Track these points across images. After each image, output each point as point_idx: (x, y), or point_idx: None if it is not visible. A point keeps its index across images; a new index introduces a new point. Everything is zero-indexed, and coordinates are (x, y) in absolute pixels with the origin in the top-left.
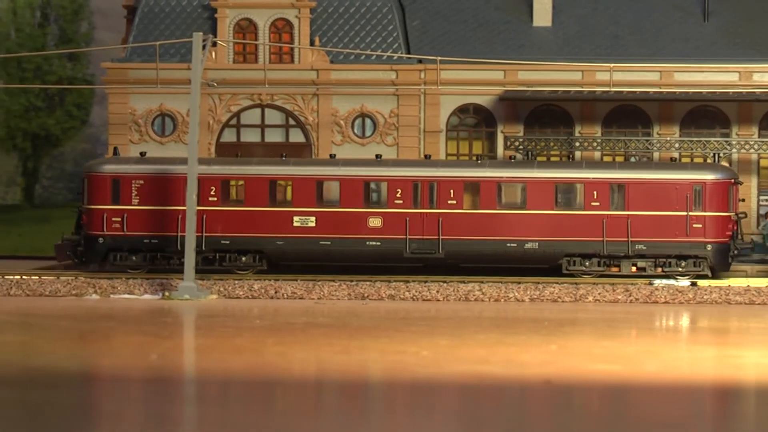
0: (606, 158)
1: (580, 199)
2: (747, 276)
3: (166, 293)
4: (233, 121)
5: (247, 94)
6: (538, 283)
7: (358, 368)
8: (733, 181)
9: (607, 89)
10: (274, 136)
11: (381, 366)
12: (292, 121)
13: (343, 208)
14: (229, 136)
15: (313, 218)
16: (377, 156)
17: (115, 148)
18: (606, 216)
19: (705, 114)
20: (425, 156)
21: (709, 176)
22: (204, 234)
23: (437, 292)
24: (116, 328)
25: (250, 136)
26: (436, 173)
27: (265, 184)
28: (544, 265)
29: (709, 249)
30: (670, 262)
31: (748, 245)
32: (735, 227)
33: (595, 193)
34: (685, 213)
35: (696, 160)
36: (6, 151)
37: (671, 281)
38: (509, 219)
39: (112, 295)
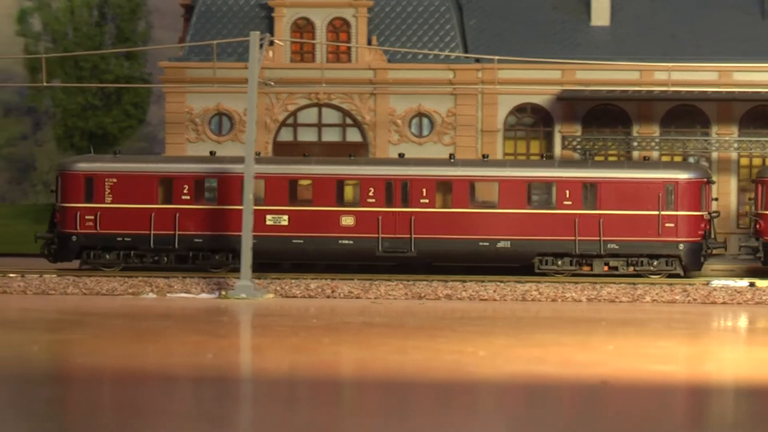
0: (664, 158)
1: (552, 198)
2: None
3: (223, 292)
4: (290, 120)
5: (305, 93)
6: (596, 283)
7: (413, 368)
8: (706, 180)
9: (665, 89)
10: (331, 136)
11: (437, 366)
12: (349, 121)
13: (316, 206)
14: (286, 135)
15: (285, 217)
16: (350, 155)
17: (91, 147)
18: (578, 215)
19: (764, 114)
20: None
21: (681, 175)
22: (177, 232)
23: (494, 291)
24: (172, 327)
25: (308, 136)
26: (409, 172)
27: (238, 183)
28: (517, 264)
29: (681, 248)
30: (642, 261)
31: (720, 244)
32: (708, 226)
33: (567, 192)
34: (657, 212)
35: (755, 161)
36: (63, 149)
37: (728, 282)
38: (481, 218)
39: (168, 294)
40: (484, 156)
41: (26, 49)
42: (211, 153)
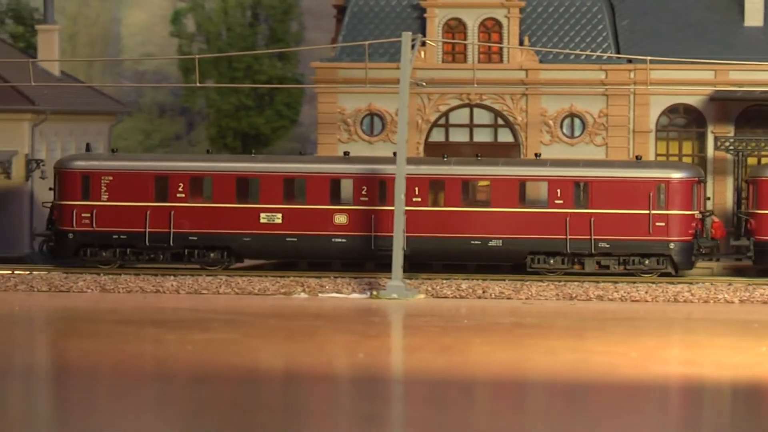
0: None
1: (544, 197)
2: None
3: (374, 292)
4: (442, 121)
5: (456, 94)
6: (749, 284)
7: (563, 369)
8: (697, 179)
9: None
10: (482, 136)
11: (587, 367)
12: (500, 121)
13: (310, 205)
14: (437, 135)
15: (279, 215)
16: (345, 153)
17: (88, 144)
18: (569, 214)
19: None
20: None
21: (672, 175)
22: (172, 230)
23: (645, 293)
24: (324, 327)
25: (459, 136)
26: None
27: (233, 181)
28: (509, 262)
29: (671, 247)
30: (633, 260)
31: (712, 243)
32: (699, 226)
33: (558, 191)
34: (647, 211)
35: None
36: (217, 149)
37: None
38: (473, 216)
39: (320, 294)
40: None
41: (180, 50)
42: (207, 151)
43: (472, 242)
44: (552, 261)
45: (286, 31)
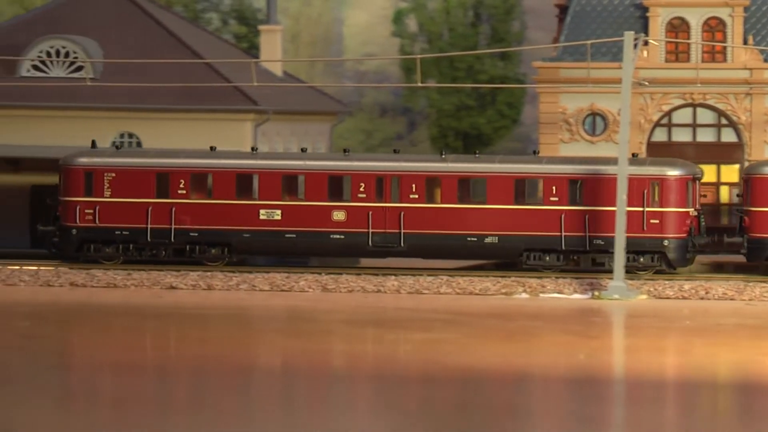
0: None
1: (539, 193)
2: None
3: (596, 293)
4: (664, 121)
5: (679, 94)
6: None
7: None
8: (692, 176)
9: None
10: (705, 136)
11: None
12: (724, 121)
13: (308, 201)
14: (660, 135)
15: (278, 211)
16: (345, 150)
17: (93, 141)
18: (564, 211)
19: None
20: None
21: (666, 172)
22: (173, 226)
23: None
24: (543, 327)
25: (682, 136)
26: (399, 168)
27: (233, 177)
28: (505, 259)
29: (666, 244)
30: (628, 257)
31: (708, 240)
32: (694, 223)
33: (554, 188)
34: (641, 208)
35: None
36: (438, 149)
37: None
38: (469, 213)
39: (541, 295)
40: (475, 152)
41: (402, 50)
42: (211, 148)
43: (468, 239)
44: (548, 258)
45: (507, 31)
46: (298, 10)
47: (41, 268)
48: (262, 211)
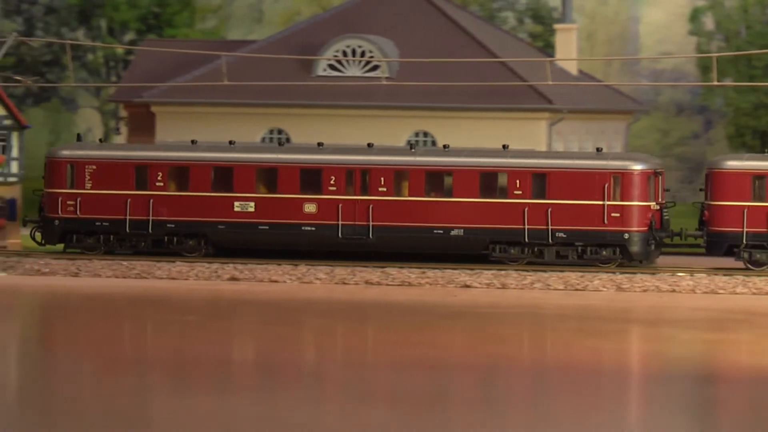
0: None
1: (503, 187)
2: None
3: None
4: None
5: None
6: None
7: None
8: (653, 171)
9: None
10: None
11: None
12: None
13: (281, 194)
14: None
15: (252, 204)
16: (319, 144)
17: (79, 134)
18: (527, 204)
19: None
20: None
21: (628, 166)
22: (151, 218)
23: None
24: None
25: None
26: (368, 161)
27: (209, 170)
28: (470, 251)
29: (626, 238)
30: (589, 250)
31: (668, 234)
32: (656, 217)
33: (517, 181)
34: (602, 202)
35: None
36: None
37: None
38: (436, 206)
39: None
40: (444, 146)
41: (698, 48)
42: (192, 141)
43: (435, 232)
44: (513, 250)
45: None
46: (593, 8)
47: (335, 267)
48: (236, 203)
